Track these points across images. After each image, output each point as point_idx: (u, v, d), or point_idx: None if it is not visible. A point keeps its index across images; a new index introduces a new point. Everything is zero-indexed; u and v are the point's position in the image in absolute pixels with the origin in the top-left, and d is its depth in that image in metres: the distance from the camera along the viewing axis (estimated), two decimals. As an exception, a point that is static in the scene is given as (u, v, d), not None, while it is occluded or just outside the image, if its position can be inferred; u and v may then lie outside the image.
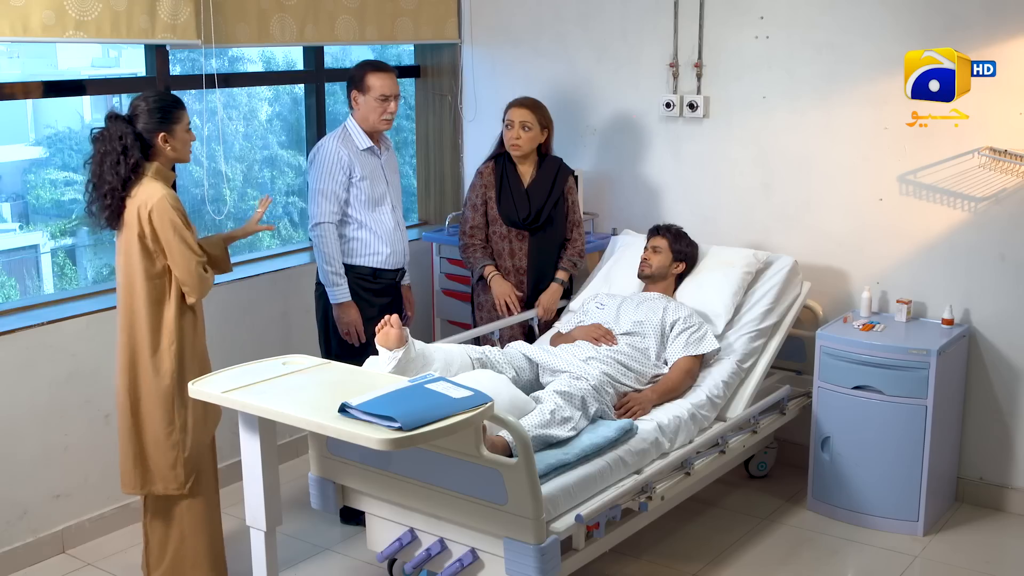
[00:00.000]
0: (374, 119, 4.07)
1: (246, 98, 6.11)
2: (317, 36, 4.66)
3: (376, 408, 2.79)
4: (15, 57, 5.03)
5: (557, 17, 5.10)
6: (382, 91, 4.04)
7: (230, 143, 4.46)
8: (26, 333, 3.84)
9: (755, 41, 4.57)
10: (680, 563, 3.88)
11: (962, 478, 4.38)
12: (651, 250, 4.34)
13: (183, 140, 3.42)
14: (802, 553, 4.00)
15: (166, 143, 3.37)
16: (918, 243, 4.33)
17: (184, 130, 3.41)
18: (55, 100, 5.12)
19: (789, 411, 4.34)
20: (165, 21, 4.01)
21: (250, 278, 4.62)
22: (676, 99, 4.77)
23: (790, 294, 4.37)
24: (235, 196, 5.04)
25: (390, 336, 3.38)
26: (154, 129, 3.35)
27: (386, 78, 4.05)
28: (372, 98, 4.04)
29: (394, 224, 4.20)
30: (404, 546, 3.39)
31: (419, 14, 5.13)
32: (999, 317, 4.22)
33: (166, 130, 3.36)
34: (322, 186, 4.04)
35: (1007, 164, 4.08)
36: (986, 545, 4.06)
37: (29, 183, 5.22)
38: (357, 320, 4.05)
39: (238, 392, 3.05)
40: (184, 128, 3.41)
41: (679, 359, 3.98)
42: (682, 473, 3.70)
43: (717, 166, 4.77)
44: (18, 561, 3.84)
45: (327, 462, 3.48)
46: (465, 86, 5.45)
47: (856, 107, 4.37)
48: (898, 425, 4.02)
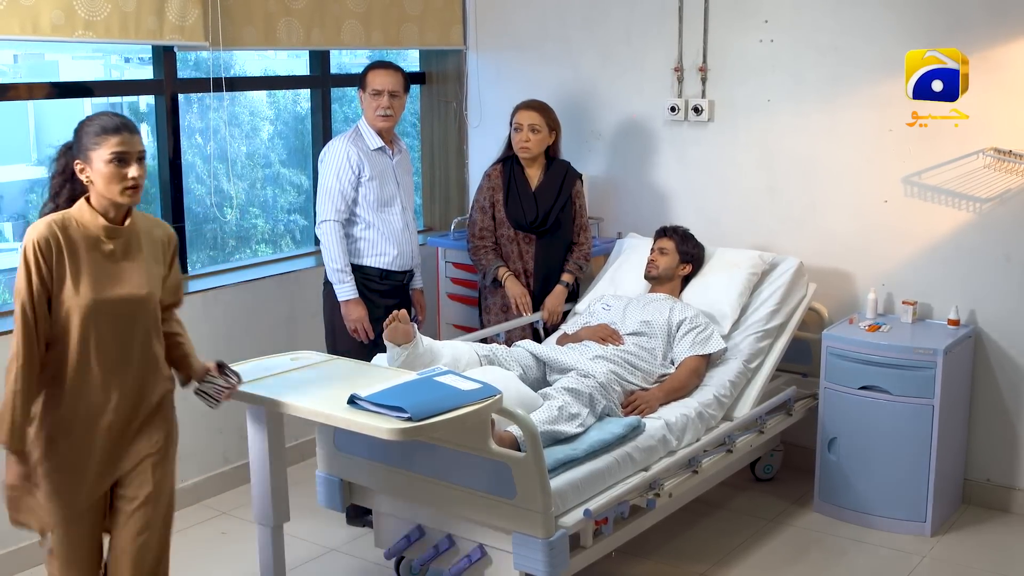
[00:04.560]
0: (370, 115, 4.12)
1: (248, 116, 6.13)
2: (323, 40, 4.69)
3: (385, 399, 2.80)
4: (18, 74, 5.05)
5: (562, 23, 5.13)
6: (373, 86, 4.10)
7: (231, 161, 4.47)
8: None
9: (759, 44, 4.59)
10: (687, 563, 3.87)
11: (969, 480, 4.37)
12: (658, 252, 4.34)
13: (102, 173, 2.65)
14: (810, 554, 3.99)
15: (82, 172, 2.69)
16: (923, 244, 4.34)
17: (105, 160, 2.64)
18: (57, 119, 5.13)
19: (795, 412, 4.34)
20: (173, 23, 4.04)
21: (256, 281, 4.63)
22: (681, 103, 4.79)
23: (796, 295, 4.38)
24: (237, 214, 5.06)
25: (398, 332, 3.39)
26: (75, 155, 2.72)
27: (381, 74, 4.11)
28: (367, 94, 4.11)
29: (403, 226, 4.21)
30: (412, 543, 3.39)
31: (424, 20, 5.16)
32: (1005, 318, 4.22)
33: (81, 158, 2.69)
34: (329, 184, 4.06)
35: (1011, 164, 4.09)
36: (994, 546, 4.05)
37: (31, 203, 5.23)
38: (363, 317, 4.06)
39: (247, 385, 3.05)
40: (105, 159, 2.64)
41: (686, 358, 3.98)
42: (689, 471, 3.70)
43: (722, 169, 4.78)
44: (22, 561, 3.83)
45: (334, 459, 3.48)
46: (470, 92, 5.47)
47: (860, 109, 4.39)
48: (905, 425, 4.01)
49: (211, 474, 4.47)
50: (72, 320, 2.64)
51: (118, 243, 2.71)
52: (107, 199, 2.68)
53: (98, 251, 2.68)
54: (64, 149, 2.78)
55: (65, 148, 2.77)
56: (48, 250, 2.60)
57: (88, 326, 2.64)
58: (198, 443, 4.40)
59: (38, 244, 2.59)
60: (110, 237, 2.69)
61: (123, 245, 2.72)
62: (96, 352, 2.67)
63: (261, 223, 5.68)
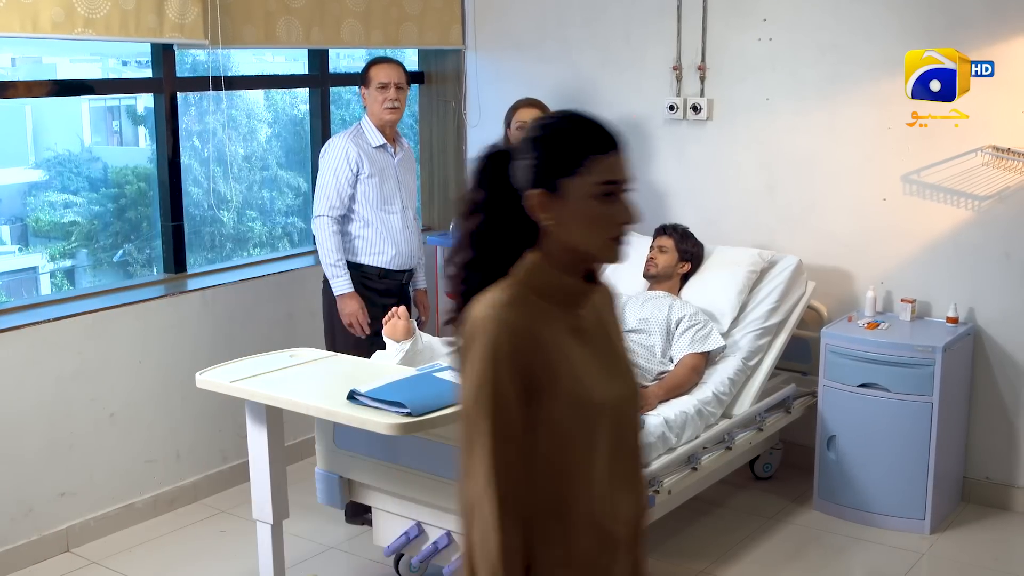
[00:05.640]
0: (378, 109, 4.12)
1: (245, 119, 6.15)
2: (323, 39, 4.69)
3: (385, 395, 2.80)
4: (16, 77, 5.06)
5: (560, 22, 5.13)
6: (379, 79, 4.11)
7: (228, 164, 4.47)
8: (32, 330, 3.83)
9: (758, 43, 4.60)
10: (687, 561, 3.87)
11: (968, 478, 4.36)
12: (657, 250, 4.34)
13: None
14: (809, 551, 3.99)
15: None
16: (922, 242, 4.34)
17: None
18: (55, 122, 5.14)
19: (795, 410, 4.34)
20: (173, 20, 4.04)
21: (255, 279, 4.63)
22: (680, 102, 4.79)
23: (795, 293, 4.38)
24: (234, 217, 5.06)
25: (397, 328, 3.39)
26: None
27: (385, 67, 4.13)
28: (373, 88, 4.12)
29: (403, 225, 4.21)
30: (411, 540, 3.39)
31: (423, 19, 5.16)
32: (1004, 316, 4.22)
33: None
34: (326, 180, 4.07)
35: (1010, 162, 4.10)
36: (994, 543, 4.05)
37: (29, 206, 5.23)
38: (358, 311, 4.06)
39: (246, 382, 3.05)
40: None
41: (685, 356, 3.98)
42: (689, 468, 3.70)
43: (721, 168, 4.78)
44: (22, 559, 3.83)
45: (334, 456, 3.47)
46: (469, 92, 5.47)
47: (859, 107, 4.39)
48: (904, 422, 4.01)
49: (209, 473, 4.46)
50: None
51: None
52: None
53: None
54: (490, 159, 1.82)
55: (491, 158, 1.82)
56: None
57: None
58: (197, 442, 4.40)
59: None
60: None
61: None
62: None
63: (258, 226, 5.68)
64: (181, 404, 4.32)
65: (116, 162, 5.27)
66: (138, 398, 4.18)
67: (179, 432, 4.35)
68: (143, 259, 4.89)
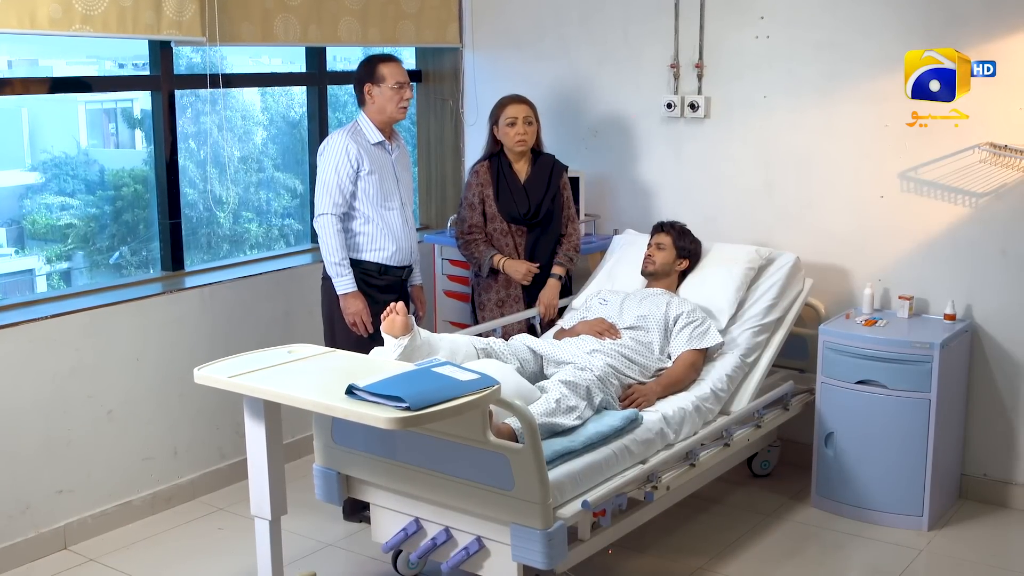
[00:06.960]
0: (392, 108, 4.09)
1: (241, 120, 6.14)
2: (320, 37, 4.69)
3: (383, 389, 2.79)
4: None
5: (558, 20, 5.13)
6: (397, 78, 4.07)
7: (224, 166, 4.47)
8: (29, 327, 3.83)
9: (756, 41, 4.60)
10: (685, 557, 3.87)
11: (966, 475, 4.37)
12: (655, 247, 4.35)
13: None
14: (807, 547, 3.99)
15: None
16: (920, 239, 4.35)
17: None
18: (51, 124, 5.13)
19: (792, 407, 4.34)
20: (170, 17, 4.04)
21: (252, 277, 4.62)
22: (677, 99, 4.79)
23: (793, 290, 4.38)
24: (230, 218, 5.05)
25: (395, 323, 3.39)
26: None
27: (398, 66, 4.10)
28: (388, 87, 4.06)
29: (402, 221, 4.20)
30: (409, 536, 3.38)
31: (421, 18, 5.17)
32: (1001, 312, 4.23)
33: None
34: (327, 178, 4.05)
35: (1007, 159, 4.10)
36: (992, 540, 4.05)
37: (25, 208, 5.23)
38: (362, 310, 4.05)
39: (244, 377, 3.05)
40: None
41: (683, 352, 3.98)
42: (687, 464, 3.70)
43: (719, 166, 4.79)
44: (20, 556, 3.82)
45: (332, 452, 3.47)
46: (466, 90, 5.48)
47: (857, 105, 4.40)
48: (902, 419, 4.02)
49: (207, 470, 4.46)
50: None
51: None
52: None
53: None
54: None
55: None
56: None
57: None
58: (194, 439, 4.40)
59: None
60: None
61: None
62: None
63: (255, 227, 5.68)
64: (179, 401, 4.32)
65: (113, 165, 5.25)
66: (136, 395, 4.18)
67: (177, 429, 4.34)
68: (139, 261, 4.88)
